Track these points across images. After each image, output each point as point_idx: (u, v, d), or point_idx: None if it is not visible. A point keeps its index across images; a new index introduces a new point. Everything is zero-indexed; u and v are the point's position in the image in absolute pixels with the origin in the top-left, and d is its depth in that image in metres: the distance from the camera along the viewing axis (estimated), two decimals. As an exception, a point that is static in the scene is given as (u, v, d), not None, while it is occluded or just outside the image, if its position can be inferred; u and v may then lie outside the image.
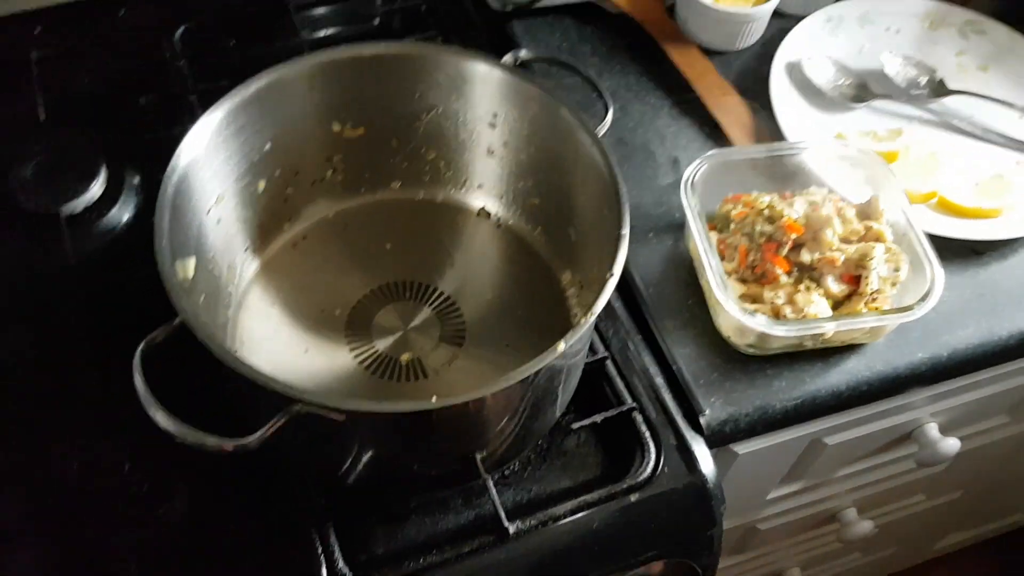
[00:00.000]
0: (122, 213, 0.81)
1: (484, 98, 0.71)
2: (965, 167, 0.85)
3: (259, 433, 0.53)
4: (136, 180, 0.83)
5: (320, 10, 0.96)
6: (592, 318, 0.58)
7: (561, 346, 0.56)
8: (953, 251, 0.79)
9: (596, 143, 0.65)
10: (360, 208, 0.79)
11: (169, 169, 0.61)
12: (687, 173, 0.75)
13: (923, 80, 0.90)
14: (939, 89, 0.90)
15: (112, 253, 0.78)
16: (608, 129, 0.68)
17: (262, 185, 0.72)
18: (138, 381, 0.54)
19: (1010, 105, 0.88)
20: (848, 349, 0.75)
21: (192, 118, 0.83)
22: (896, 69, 0.90)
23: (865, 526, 1.05)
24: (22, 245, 0.78)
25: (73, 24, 0.91)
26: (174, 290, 0.56)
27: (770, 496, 0.92)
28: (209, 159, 0.65)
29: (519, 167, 0.75)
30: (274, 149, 0.70)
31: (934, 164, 0.84)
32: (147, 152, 0.82)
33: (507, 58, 0.71)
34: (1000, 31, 0.94)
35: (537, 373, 0.56)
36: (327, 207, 0.78)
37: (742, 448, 0.77)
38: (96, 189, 0.80)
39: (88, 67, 0.89)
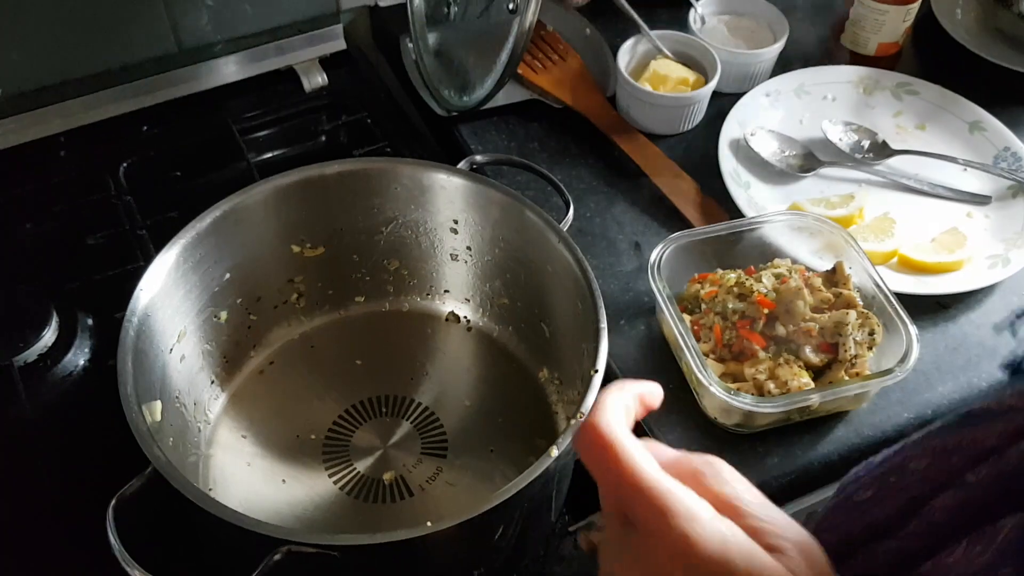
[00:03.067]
0: (77, 358, 0.78)
1: (444, 205, 0.71)
2: (920, 224, 0.86)
3: (247, 582, 0.50)
4: (89, 322, 0.80)
5: (266, 132, 0.96)
6: (582, 418, 0.56)
7: (554, 451, 0.55)
8: (921, 308, 0.79)
9: (563, 240, 0.65)
10: (326, 327, 0.77)
11: (128, 312, 0.59)
12: (652, 258, 0.75)
13: (866, 143, 0.92)
14: (882, 151, 0.92)
15: (71, 401, 0.75)
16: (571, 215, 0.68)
17: (224, 315, 0.70)
18: (113, 539, 0.51)
19: (952, 159, 0.90)
20: (834, 418, 0.74)
21: (143, 254, 0.82)
22: (838, 135, 0.92)
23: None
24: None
25: (12, 170, 0.89)
26: (144, 438, 0.54)
27: None
28: (168, 297, 0.63)
29: (485, 269, 0.74)
30: (234, 278, 0.69)
31: (890, 224, 0.86)
32: (99, 293, 0.81)
33: (462, 164, 0.71)
34: (931, 90, 0.97)
35: (531, 483, 0.54)
36: (292, 329, 0.76)
37: (742, 531, 0.74)
38: (48, 336, 0.77)
39: (32, 211, 0.87)
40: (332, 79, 1.00)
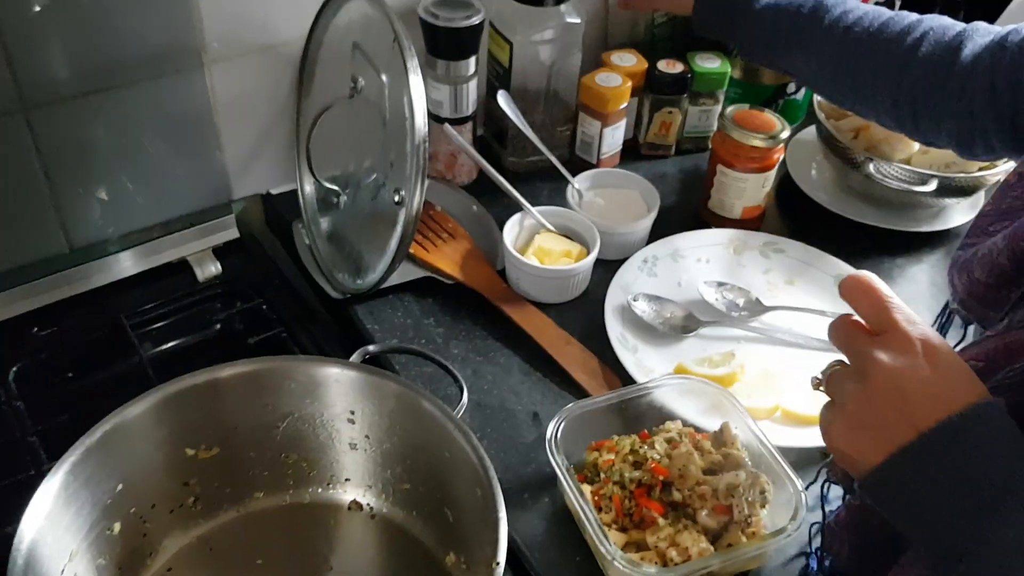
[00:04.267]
0: (-39, 578, 0.74)
1: (339, 398, 0.72)
2: (799, 376, 0.91)
3: None
4: (-26, 540, 0.77)
5: (160, 324, 0.96)
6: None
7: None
8: (808, 459, 0.83)
9: (458, 428, 0.66)
10: (224, 526, 0.76)
11: (16, 541, 0.57)
12: (549, 431, 0.77)
13: (741, 301, 0.98)
14: (756, 308, 0.97)
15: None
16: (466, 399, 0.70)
17: (117, 527, 0.68)
18: None
19: (822, 312, 0.96)
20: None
21: (34, 462, 0.80)
22: (714, 296, 0.98)
23: None
24: None
25: None
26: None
27: None
28: (57, 520, 0.61)
29: (384, 457, 0.75)
30: (127, 488, 0.68)
31: (770, 379, 0.90)
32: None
33: (355, 357, 0.73)
34: (796, 247, 1.04)
35: None
36: (189, 533, 0.74)
37: None
38: (-72, 560, 0.74)
39: (-87, 424, 0.84)
40: (226, 267, 1.01)
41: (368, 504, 0.78)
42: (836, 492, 0.73)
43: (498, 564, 0.58)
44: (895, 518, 0.55)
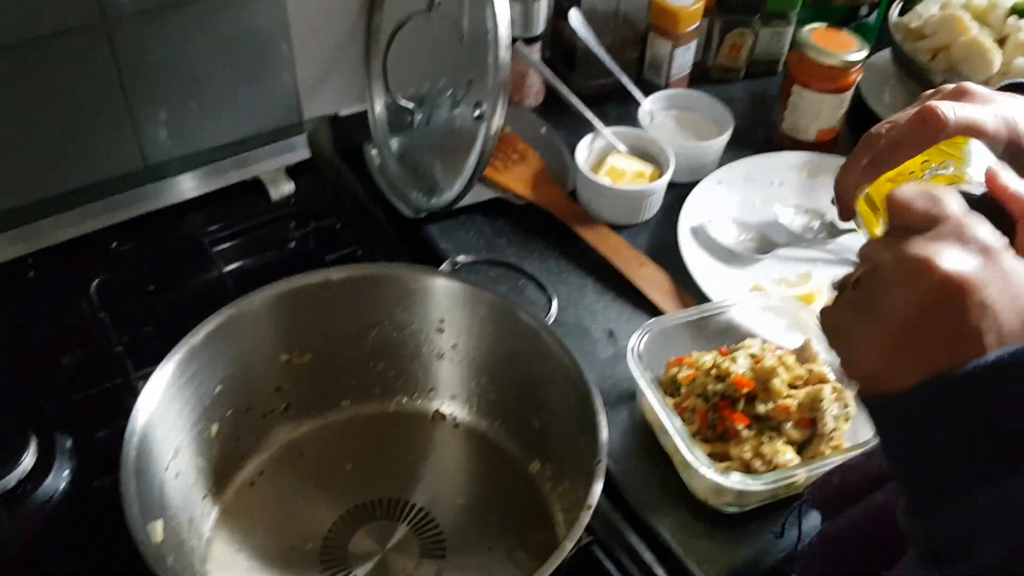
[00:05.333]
0: (57, 481, 0.77)
1: (430, 307, 0.72)
2: (874, 297, 0.91)
3: None
4: (68, 444, 0.79)
5: (234, 242, 0.97)
6: (590, 511, 0.58)
7: (568, 546, 0.55)
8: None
9: (552, 336, 0.67)
10: (313, 433, 0.77)
11: (128, 432, 0.59)
12: (631, 343, 0.77)
13: (815, 224, 0.97)
14: (832, 230, 0.97)
15: (56, 526, 0.73)
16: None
17: (215, 429, 0.70)
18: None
19: (897, 235, 0.96)
20: (817, 490, 0.76)
21: (120, 371, 0.82)
22: (789, 218, 0.97)
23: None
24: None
25: (-22, 294, 0.89)
26: (155, 562, 0.53)
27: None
28: (165, 413, 0.63)
29: (471, 367, 0.76)
30: (225, 390, 0.69)
31: (846, 299, 0.90)
32: (76, 413, 0.80)
33: (445, 266, 0.73)
34: (869, 171, 1.03)
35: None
36: (280, 438, 0.76)
37: (738, 610, 0.76)
38: (27, 461, 0.76)
39: (3, 335, 0.86)
40: (298, 187, 1.02)
41: (452, 414, 0.79)
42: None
43: (599, 462, 0.59)
44: (896, 449, 0.46)
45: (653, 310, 0.90)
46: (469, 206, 0.97)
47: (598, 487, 0.58)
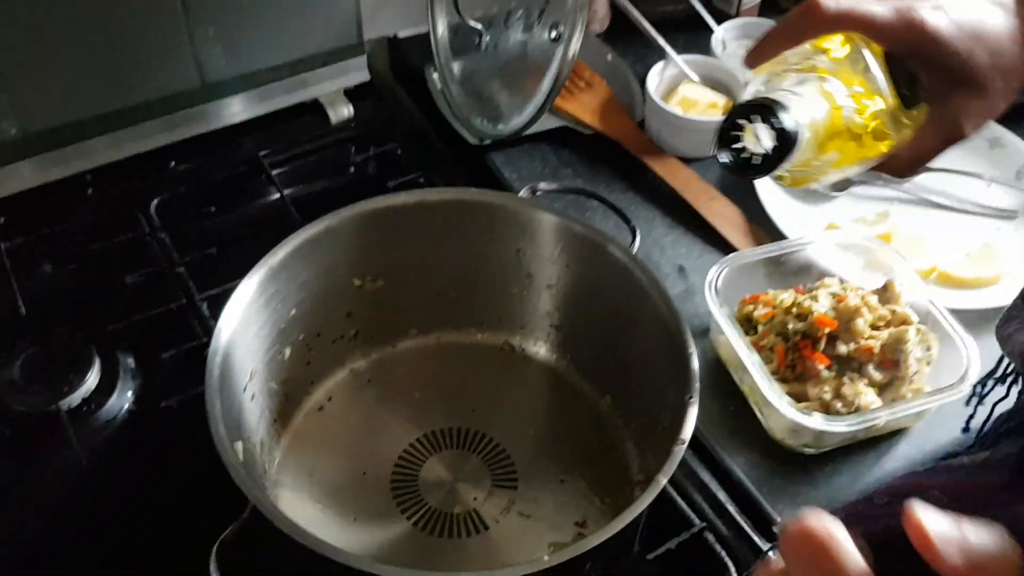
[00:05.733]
0: (122, 401, 0.76)
1: (512, 235, 0.70)
2: (953, 240, 0.88)
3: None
4: (131, 363, 0.78)
5: (293, 165, 0.95)
6: (683, 446, 0.56)
7: (662, 480, 0.54)
8: (966, 322, 0.81)
9: (641, 268, 0.64)
10: (381, 360, 0.76)
11: (211, 351, 0.58)
12: (709, 278, 0.75)
13: (892, 163, 0.94)
14: (910, 169, 0.93)
15: (123, 445, 0.73)
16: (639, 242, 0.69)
17: (288, 352, 0.68)
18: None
19: (977, 176, 0.92)
20: (894, 435, 0.75)
21: (184, 292, 0.81)
22: (866, 155, 0.94)
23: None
24: (25, 451, 0.72)
25: (39, 210, 0.87)
26: (244, 482, 0.52)
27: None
28: (243, 334, 0.62)
29: (545, 297, 0.74)
30: (299, 313, 0.68)
31: (925, 241, 0.87)
32: (140, 334, 0.79)
33: (524, 192, 0.71)
34: (948, 109, 0.99)
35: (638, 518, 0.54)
36: (348, 364, 0.75)
37: (809, 551, 0.74)
38: (92, 379, 0.75)
39: (64, 252, 0.85)
40: (358, 110, 0.99)
41: (521, 345, 0.77)
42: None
43: (691, 398, 0.57)
44: None
45: (724, 246, 0.87)
46: (534, 135, 0.95)
47: (691, 423, 0.57)
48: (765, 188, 0.89)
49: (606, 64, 1.02)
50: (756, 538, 0.69)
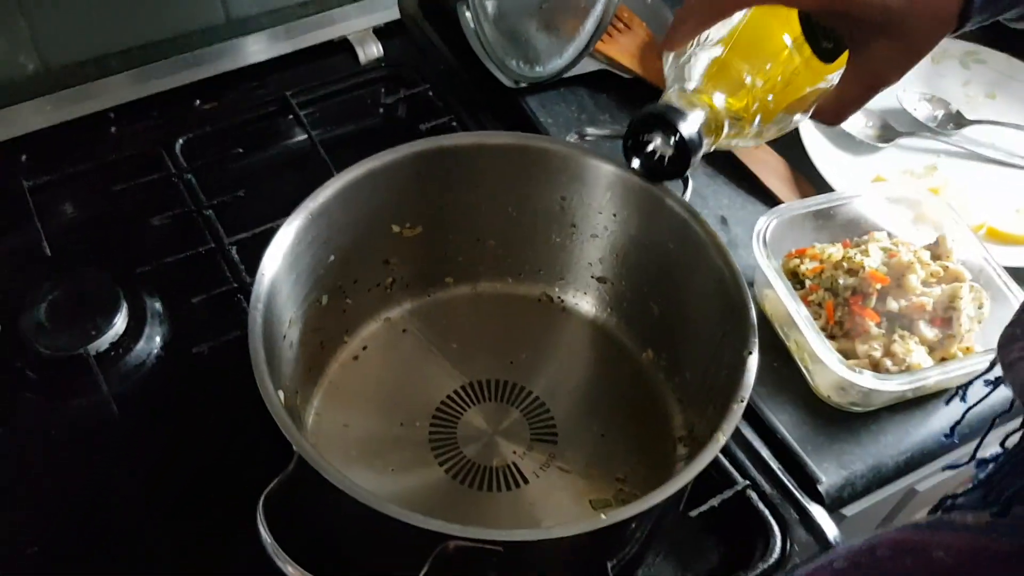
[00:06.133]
0: (150, 346, 0.74)
1: (554, 182, 0.67)
2: (1002, 195, 0.85)
3: (417, 579, 0.48)
4: (158, 307, 0.76)
5: (321, 105, 0.91)
6: (743, 404, 0.54)
7: (721, 438, 0.52)
8: (1019, 278, 0.78)
9: (700, 223, 0.62)
10: (417, 310, 0.74)
11: (253, 298, 0.55)
12: (758, 229, 0.73)
13: (940, 114, 0.91)
14: (958, 120, 0.90)
15: (153, 391, 0.72)
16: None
17: (325, 299, 0.66)
18: (265, 535, 0.48)
19: (1028, 129, 0.89)
20: (939, 394, 0.73)
21: (212, 235, 0.78)
22: (914, 105, 0.91)
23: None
24: (52, 395, 0.71)
25: (61, 148, 0.84)
26: (291, 431, 0.50)
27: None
28: (283, 280, 0.59)
29: (588, 248, 0.71)
30: (337, 260, 0.65)
31: (974, 195, 0.85)
32: (166, 277, 0.77)
33: (571, 137, 0.68)
34: (999, 58, 0.96)
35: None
36: (384, 313, 0.73)
37: (850, 510, 0.73)
38: (119, 323, 0.73)
39: (88, 192, 0.82)
40: (388, 50, 0.96)
41: (560, 297, 0.75)
42: None
43: (750, 354, 0.56)
44: None
45: (767, 197, 0.85)
46: (570, 78, 0.91)
47: (750, 378, 0.55)
48: (810, 137, 0.87)
49: (645, 6, 0.98)
50: (800, 496, 0.68)
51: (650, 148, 0.61)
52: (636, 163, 0.63)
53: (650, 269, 0.68)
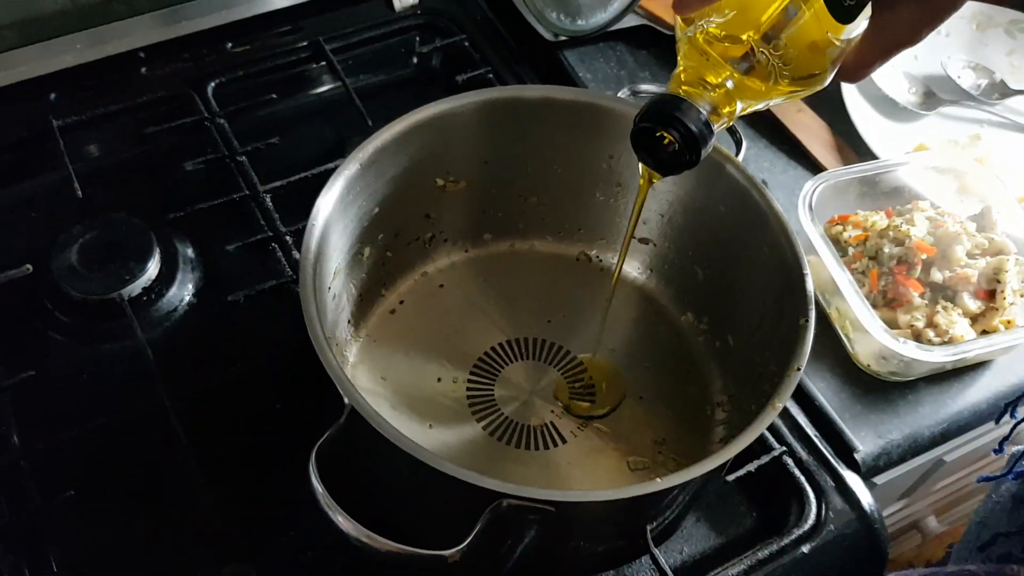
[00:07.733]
0: (182, 292, 0.73)
1: (603, 140, 0.66)
2: (1046, 167, 0.84)
3: (470, 538, 0.47)
4: (190, 253, 0.75)
5: (357, 52, 0.89)
6: (799, 373, 0.54)
7: (779, 404, 0.52)
8: (1058, 254, 0.78)
9: (759, 192, 0.61)
10: (454, 266, 0.73)
11: (304, 250, 0.54)
12: (804, 193, 0.72)
13: (984, 82, 0.90)
14: (1003, 90, 0.89)
15: (186, 341, 0.71)
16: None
17: (367, 251, 0.65)
18: (317, 486, 0.48)
19: (1074, 101, 0.88)
20: (978, 367, 0.73)
21: (245, 182, 0.77)
22: (958, 73, 0.89)
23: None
24: (85, 339, 0.70)
25: (91, 87, 0.82)
26: (344, 384, 0.50)
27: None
28: (331, 231, 0.58)
29: (631, 208, 0.70)
30: (381, 212, 0.64)
31: (1017, 167, 0.83)
32: (199, 223, 0.76)
33: (623, 92, 0.67)
34: (1045, 28, 0.94)
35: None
36: (421, 268, 0.72)
37: (881, 478, 0.73)
38: (152, 268, 0.72)
39: (119, 133, 0.81)
40: (423, -1, 0.94)
41: (599, 257, 0.74)
42: None
43: (807, 321, 0.55)
44: None
45: (808, 162, 0.84)
46: (609, 33, 0.89)
47: (807, 346, 0.54)
48: (853, 102, 0.85)
49: (685, -39, 0.96)
50: (836, 464, 0.67)
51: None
52: (647, 159, 0.56)
53: (699, 233, 0.67)
